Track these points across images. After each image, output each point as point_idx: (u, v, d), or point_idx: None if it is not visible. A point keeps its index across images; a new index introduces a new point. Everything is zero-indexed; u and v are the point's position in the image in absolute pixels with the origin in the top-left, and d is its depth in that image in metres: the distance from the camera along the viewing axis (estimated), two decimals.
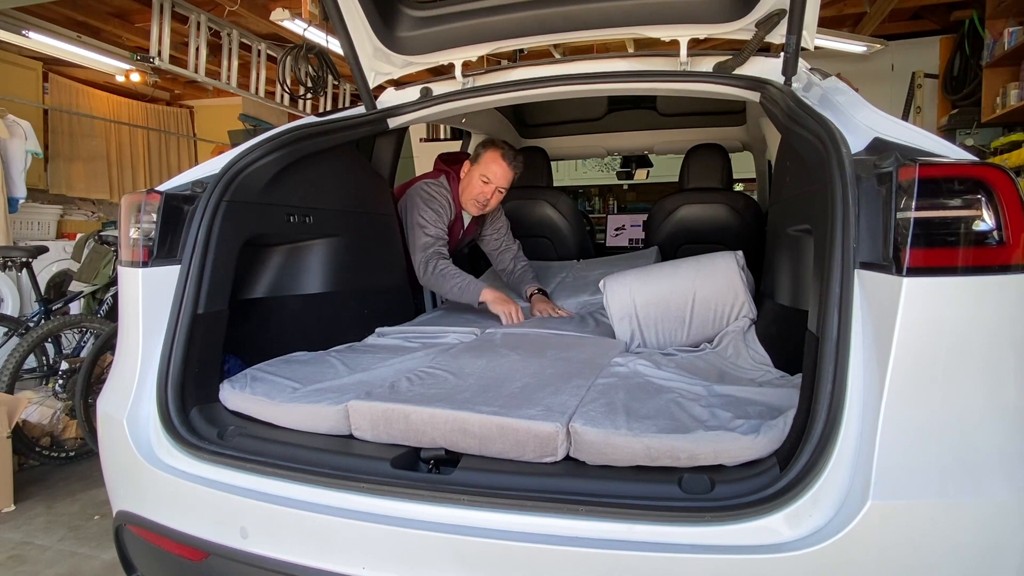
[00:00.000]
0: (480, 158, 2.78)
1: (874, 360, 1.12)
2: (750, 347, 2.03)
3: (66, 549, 2.61)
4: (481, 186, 2.77)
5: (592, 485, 1.27)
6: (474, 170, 2.80)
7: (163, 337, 1.66)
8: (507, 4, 2.17)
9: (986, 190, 1.08)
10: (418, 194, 2.80)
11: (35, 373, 3.72)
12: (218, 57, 5.97)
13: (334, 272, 2.38)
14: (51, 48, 5.41)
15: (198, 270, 1.71)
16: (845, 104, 1.57)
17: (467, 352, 1.99)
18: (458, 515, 1.25)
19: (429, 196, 2.78)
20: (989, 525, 1.07)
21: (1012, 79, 5.04)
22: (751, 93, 1.97)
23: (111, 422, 1.64)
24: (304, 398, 1.63)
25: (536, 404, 1.46)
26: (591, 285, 2.94)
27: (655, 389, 1.61)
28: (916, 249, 1.08)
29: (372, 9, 2.21)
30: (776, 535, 1.11)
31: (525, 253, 3.25)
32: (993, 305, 1.10)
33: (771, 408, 1.43)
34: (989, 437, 1.08)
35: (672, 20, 2.08)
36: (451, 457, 1.42)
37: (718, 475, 1.24)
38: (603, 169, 8.70)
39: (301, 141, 2.09)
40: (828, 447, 1.11)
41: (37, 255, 3.87)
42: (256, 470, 1.43)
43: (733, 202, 3.43)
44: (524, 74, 2.33)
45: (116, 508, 1.65)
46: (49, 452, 3.44)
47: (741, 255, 2.28)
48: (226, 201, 1.81)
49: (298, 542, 1.34)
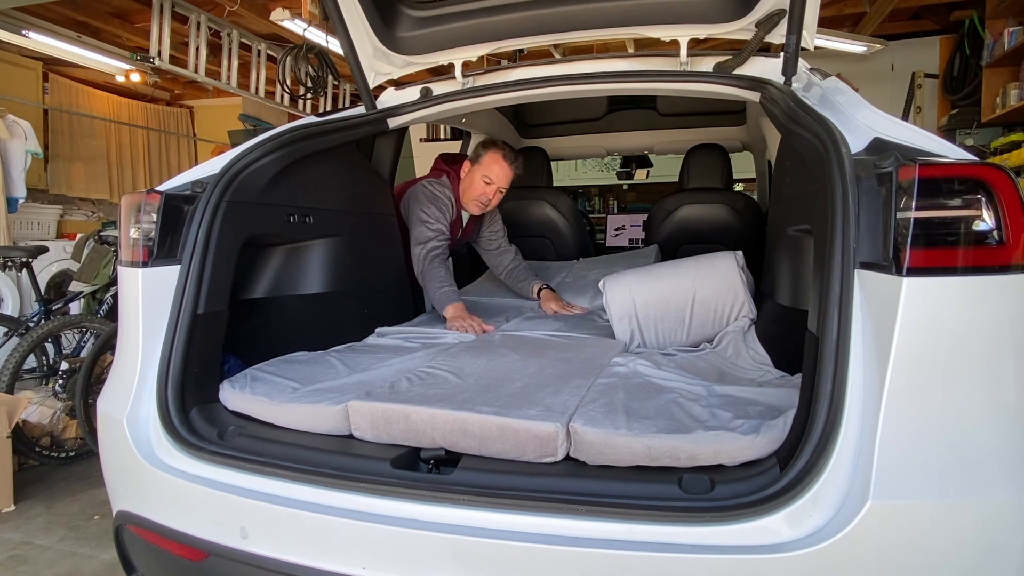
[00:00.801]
0: (481, 159, 2.80)
1: (874, 360, 1.12)
2: (750, 347, 2.03)
3: (66, 549, 2.60)
4: (483, 187, 2.79)
5: (592, 485, 1.27)
6: (475, 171, 2.81)
7: (163, 337, 1.66)
8: (507, 4, 2.17)
9: (986, 190, 1.09)
10: (422, 192, 2.82)
11: (35, 373, 3.72)
12: (218, 57, 5.97)
13: (334, 272, 2.38)
14: (51, 48, 5.41)
15: (198, 270, 1.71)
16: (845, 104, 1.57)
17: (467, 352, 1.99)
18: (458, 515, 1.25)
19: (432, 194, 2.80)
20: (989, 525, 1.07)
21: (1012, 79, 5.05)
22: (751, 93, 1.98)
23: (111, 422, 1.64)
24: (304, 398, 1.63)
25: (536, 404, 1.46)
26: (591, 286, 2.94)
27: (655, 389, 1.61)
28: (916, 249, 1.08)
29: (372, 9, 2.21)
30: (776, 535, 1.11)
31: (525, 253, 3.26)
32: (993, 305, 1.10)
33: (771, 408, 1.43)
34: (989, 437, 1.08)
35: (672, 20, 2.08)
36: (451, 457, 1.42)
37: (718, 475, 1.24)
38: (603, 169, 8.70)
39: (301, 141, 2.09)
40: (828, 447, 1.11)
41: (37, 255, 3.87)
42: (256, 470, 1.43)
43: (733, 202, 3.43)
44: (524, 74, 2.33)
45: (116, 508, 1.65)
46: (49, 452, 3.44)
47: (741, 255, 2.28)
48: (226, 201, 1.81)
49: (298, 542, 1.34)
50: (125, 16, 5.92)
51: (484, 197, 2.81)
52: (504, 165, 2.77)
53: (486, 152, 2.79)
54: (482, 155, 2.80)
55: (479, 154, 2.81)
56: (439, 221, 2.76)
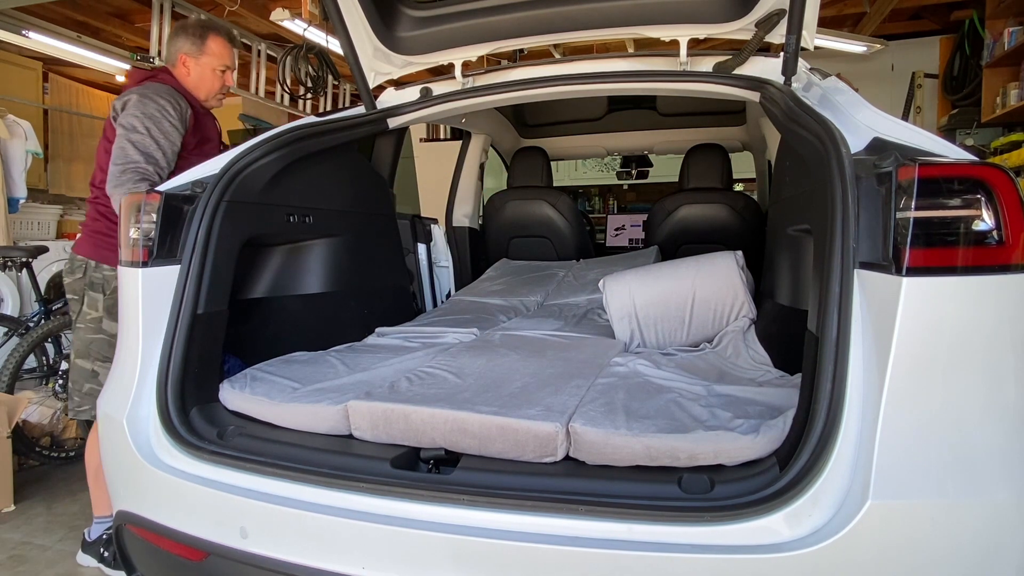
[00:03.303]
0: (206, 49, 2.44)
1: (874, 360, 1.12)
2: (750, 347, 2.03)
3: (66, 549, 2.60)
4: (221, 77, 2.50)
5: (592, 485, 1.27)
6: (204, 64, 2.45)
7: (163, 337, 1.66)
8: (507, 4, 2.17)
9: (986, 190, 1.09)
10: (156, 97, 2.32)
11: (35, 373, 3.71)
12: None
13: (334, 272, 2.39)
14: (51, 48, 5.41)
15: (198, 270, 1.71)
16: (845, 104, 1.57)
17: (467, 352, 1.99)
18: (458, 515, 1.25)
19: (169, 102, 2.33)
20: (989, 525, 1.07)
21: (1012, 79, 5.04)
22: (751, 93, 1.98)
23: (111, 422, 1.64)
24: (304, 398, 1.63)
25: (536, 404, 1.46)
26: (591, 284, 2.94)
27: (655, 389, 1.61)
28: (916, 249, 1.09)
29: (372, 9, 2.21)
30: (776, 535, 1.11)
31: (525, 253, 3.25)
32: (993, 305, 1.10)
33: (771, 408, 1.43)
34: (989, 437, 1.08)
35: (672, 20, 2.08)
36: (451, 457, 1.42)
37: (718, 475, 1.24)
38: (603, 169, 8.70)
39: (301, 141, 2.09)
40: (828, 447, 1.12)
41: (37, 255, 3.87)
42: (256, 470, 1.43)
43: (733, 202, 3.43)
44: (524, 74, 2.33)
45: (116, 508, 1.65)
46: (49, 452, 3.44)
47: (741, 255, 2.28)
48: (226, 201, 1.81)
49: (298, 542, 1.34)
50: (125, 16, 5.92)
51: (225, 87, 2.55)
52: (231, 49, 2.52)
53: (208, 41, 2.44)
54: (204, 46, 2.43)
55: (197, 45, 2.43)
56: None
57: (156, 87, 2.32)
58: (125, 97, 2.30)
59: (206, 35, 2.47)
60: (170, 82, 2.40)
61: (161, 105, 2.26)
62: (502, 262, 3.61)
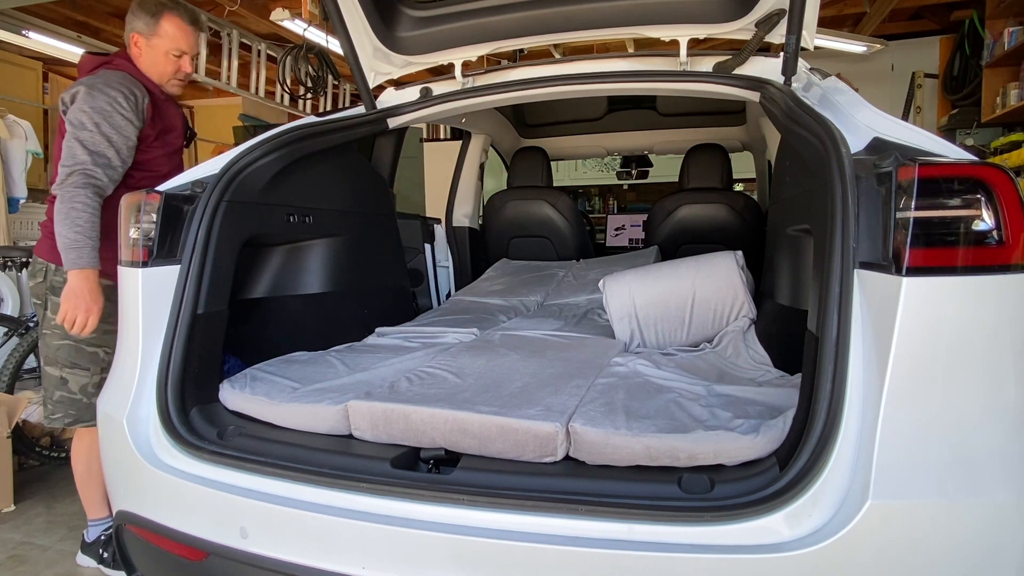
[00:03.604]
0: (159, 30, 2.24)
1: (874, 360, 1.12)
2: (750, 347, 2.03)
3: (66, 549, 2.60)
4: (176, 61, 2.28)
5: (592, 485, 1.27)
6: (156, 46, 2.25)
7: (163, 337, 1.67)
8: (507, 4, 2.17)
9: (986, 190, 1.09)
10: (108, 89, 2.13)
11: (35, 373, 3.72)
12: (218, 57, 5.96)
13: (334, 272, 2.39)
14: (51, 48, 5.42)
15: (198, 270, 1.71)
16: (845, 104, 1.57)
17: (467, 352, 1.99)
18: (458, 515, 1.25)
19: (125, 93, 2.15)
20: (989, 525, 1.07)
21: (1012, 79, 5.04)
22: (751, 93, 1.98)
23: (111, 422, 1.64)
24: (304, 398, 1.64)
25: (536, 404, 1.46)
26: (591, 284, 2.94)
27: (655, 389, 1.61)
28: (916, 249, 1.09)
29: (372, 9, 2.21)
30: (776, 535, 1.11)
31: (525, 253, 3.25)
32: (993, 305, 1.10)
33: (771, 408, 1.43)
34: (989, 437, 1.08)
35: (672, 20, 2.08)
36: (451, 457, 1.42)
37: (718, 475, 1.24)
38: (603, 169, 8.70)
39: (301, 141, 2.10)
40: (828, 447, 1.12)
41: None
42: (256, 470, 1.43)
43: (733, 202, 3.43)
44: (524, 74, 2.33)
45: (116, 508, 1.65)
46: (49, 452, 3.43)
47: (741, 255, 2.28)
48: (226, 201, 1.81)
49: (298, 542, 1.34)
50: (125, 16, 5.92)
51: (182, 73, 2.32)
52: (190, 31, 2.28)
53: (162, 21, 2.24)
54: (158, 27, 2.24)
55: (151, 26, 2.25)
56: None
57: (108, 76, 2.14)
58: (74, 89, 2.12)
59: (160, 13, 2.24)
60: (127, 68, 2.22)
61: (112, 97, 2.08)
62: (502, 262, 3.61)
